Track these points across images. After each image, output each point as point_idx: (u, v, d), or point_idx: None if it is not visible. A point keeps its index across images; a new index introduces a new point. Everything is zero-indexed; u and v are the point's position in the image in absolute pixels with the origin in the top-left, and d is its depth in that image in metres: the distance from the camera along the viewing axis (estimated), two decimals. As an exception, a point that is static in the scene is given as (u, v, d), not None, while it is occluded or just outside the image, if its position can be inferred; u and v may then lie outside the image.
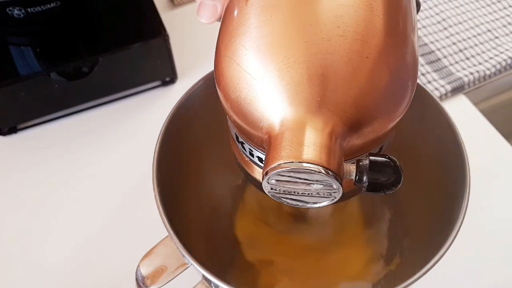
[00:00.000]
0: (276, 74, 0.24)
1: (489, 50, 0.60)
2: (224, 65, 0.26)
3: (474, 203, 0.36)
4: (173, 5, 0.64)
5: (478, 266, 0.46)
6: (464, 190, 0.35)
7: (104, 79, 0.54)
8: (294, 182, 0.24)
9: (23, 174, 0.53)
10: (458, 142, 0.37)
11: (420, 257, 0.40)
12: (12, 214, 0.50)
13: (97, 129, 0.55)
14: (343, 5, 0.24)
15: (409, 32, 0.26)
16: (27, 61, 0.52)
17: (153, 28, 0.54)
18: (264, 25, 0.25)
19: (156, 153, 0.37)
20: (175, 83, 0.58)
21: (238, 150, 0.30)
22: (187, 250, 0.33)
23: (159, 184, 0.35)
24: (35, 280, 0.46)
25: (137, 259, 0.36)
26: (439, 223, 0.37)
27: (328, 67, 0.24)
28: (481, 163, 0.45)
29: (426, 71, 0.58)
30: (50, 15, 0.50)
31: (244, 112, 0.26)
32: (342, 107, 0.24)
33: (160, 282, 0.35)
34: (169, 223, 0.34)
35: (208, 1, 0.28)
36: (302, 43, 0.24)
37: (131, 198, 0.50)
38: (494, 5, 0.64)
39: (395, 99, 0.26)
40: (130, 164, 0.53)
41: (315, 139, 0.23)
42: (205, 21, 0.29)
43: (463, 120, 0.42)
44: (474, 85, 0.57)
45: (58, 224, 0.49)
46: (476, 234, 0.47)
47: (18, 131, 0.55)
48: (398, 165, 0.25)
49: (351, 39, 0.24)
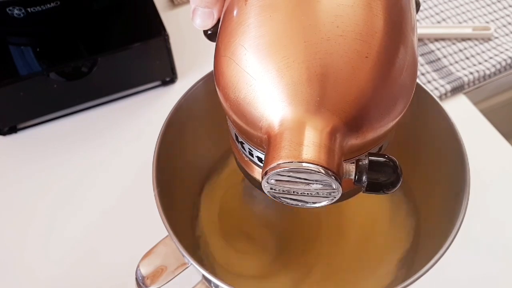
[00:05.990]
0: (275, 74, 0.24)
1: (488, 50, 0.60)
2: (224, 65, 0.26)
3: (474, 203, 0.36)
4: (173, 5, 0.64)
5: (478, 266, 0.46)
6: (464, 190, 0.35)
7: (104, 79, 0.54)
8: (294, 182, 0.24)
9: (23, 173, 0.53)
10: (458, 142, 0.37)
11: (420, 257, 0.40)
12: (12, 213, 0.50)
13: (96, 129, 0.55)
14: (342, 5, 0.24)
15: (409, 31, 0.26)
16: (27, 61, 0.52)
17: (153, 28, 0.54)
18: (263, 25, 0.25)
19: (156, 153, 0.37)
20: (175, 83, 0.58)
21: (237, 150, 0.30)
22: (187, 250, 0.33)
23: (159, 184, 0.35)
24: (35, 279, 0.46)
25: (137, 259, 0.36)
26: (439, 223, 0.37)
27: (327, 67, 0.24)
28: (481, 163, 0.45)
29: (426, 70, 0.58)
30: (50, 15, 0.50)
31: (244, 112, 0.26)
32: (341, 106, 0.24)
33: (160, 282, 0.35)
34: (169, 223, 0.34)
35: (202, 8, 0.28)
36: (301, 43, 0.24)
37: (130, 198, 0.50)
38: (494, 5, 0.64)
39: (394, 98, 0.26)
40: (130, 164, 0.53)
41: (315, 139, 0.23)
42: (199, 27, 0.29)
43: (463, 120, 0.42)
44: (474, 85, 0.57)
45: (57, 224, 0.49)
46: (476, 234, 0.47)
47: (18, 131, 0.55)
48: (398, 165, 0.25)
49: (351, 39, 0.24)
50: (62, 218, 0.50)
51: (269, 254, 0.44)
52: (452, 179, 0.37)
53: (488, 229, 0.48)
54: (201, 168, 0.46)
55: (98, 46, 0.53)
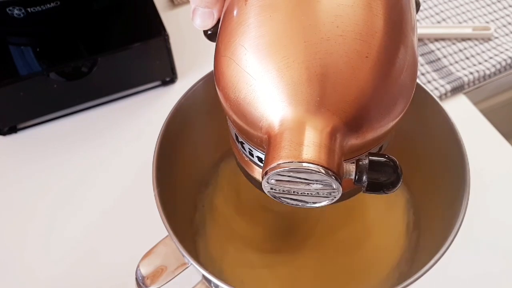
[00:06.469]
0: (275, 74, 0.24)
1: (488, 50, 0.60)
2: (224, 65, 0.26)
3: (474, 203, 0.36)
4: (173, 5, 0.64)
5: (478, 266, 0.46)
6: (464, 190, 0.35)
7: (104, 79, 0.54)
8: (294, 182, 0.24)
9: (23, 173, 0.53)
10: (458, 142, 0.37)
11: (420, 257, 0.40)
12: (12, 213, 0.50)
13: (96, 129, 0.55)
14: (342, 5, 0.24)
15: (409, 31, 0.26)
16: (27, 61, 0.52)
17: (153, 28, 0.54)
18: (263, 25, 0.25)
19: (156, 153, 0.37)
20: (175, 83, 0.58)
21: (238, 150, 0.30)
22: (187, 250, 0.33)
23: (159, 184, 0.35)
24: (35, 279, 0.46)
25: (137, 259, 0.36)
26: (439, 223, 0.37)
27: (327, 67, 0.24)
28: (481, 163, 0.45)
29: (426, 70, 0.58)
30: (50, 15, 0.50)
31: (244, 112, 0.26)
32: (341, 106, 0.24)
33: (160, 282, 0.35)
34: (169, 223, 0.34)
35: (202, 8, 0.28)
36: (301, 43, 0.24)
37: (130, 198, 0.50)
38: (494, 5, 0.64)
39: (394, 98, 0.26)
40: (130, 163, 0.53)
41: (315, 139, 0.23)
42: (199, 27, 0.29)
43: (463, 120, 0.42)
44: (474, 84, 0.57)
45: (57, 224, 0.49)
46: (476, 233, 0.47)
47: (18, 131, 0.55)
48: (398, 165, 0.25)
49: (350, 39, 0.24)
50: (62, 218, 0.50)
51: (269, 254, 0.44)
52: (452, 179, 0.37)
53: (488, 229, 0.48)
54: (201, 168, 0.46)
55: (98, 46, 0.53)
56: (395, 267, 0.42)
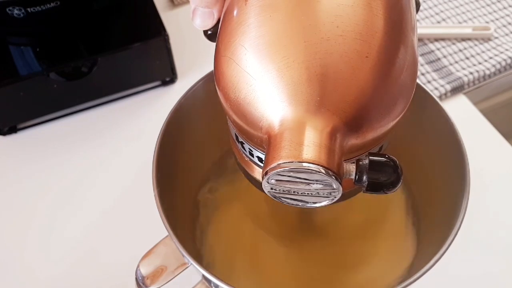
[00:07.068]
0: (275, 74, 0.24)
1: (488, 50, 0.60)
2: (224, 65, 0.26)
3: (474, 203, 0.36)
4: (173, 5, 0.64)
5: (478, 266, 0.46)
6: (464, 190, 0.35)
7: (104, 79, 0.54)
8: (294, 182, 0.24)
9: (23, 173, 0.53)
10: (458, 142, 0.37)
11: (419, 257, 0.40)
12: (12, 213, 0.50)
13: (96, 129, 0.55)
14: (342, 5, 0.24)
15: (409, 31, 0.26)
16: (27, 61, 0.52)
17: (153, 28, 0.54)
18: (263, 25, 0.25)
19: (156, 153, 0.37)
20: (175, 83, 0.58)
21: (238, 150, 0.30)
22: (187, 250, 0.33)
23: (159, 184, 0.35)
24: (35, 279, 0.46)
25: (137, 259, 0.36)
26: (439, 223, 0.37)
27: (327, 67, 0.24)
28: (481, 163, 0.44)
29: (426, 70, 0.58)
30: (50, 15, 0.50)
31: (244, 112, 0.26)
32: (341, 106, 0.24)
33: (160, 282, 0.35)
34: (169, 223, 0.34)
35: (202, 8, 0.28)
36: (301, 43, 0.24)
37: (130, 198, 0.50)
38: (494, 5, 0.64)
39: (394, 98, 0.26)
40: (130, 164, 0.53)
41: (315, 139, 0.23)
42: (199, 27, 0.29)
43: (463, 120, 0.42)
44: (474, 85, 0.57)
45: (57, 224, 0.49)
46: (476, 233, 0.47)
47: (18, 130, 0.55)
48: (398, 165, 0.25)
49: (351, 39, 0.24)
50: (62, 218, 0.50)
51: (270, 255, 0.44)
52: (452, 179, 0.37)
53: (488, 229, 0.48)
54: (201, 168, 0.46)
55: (98, 46, 0.53)
56: (395, 267, 0.42)
